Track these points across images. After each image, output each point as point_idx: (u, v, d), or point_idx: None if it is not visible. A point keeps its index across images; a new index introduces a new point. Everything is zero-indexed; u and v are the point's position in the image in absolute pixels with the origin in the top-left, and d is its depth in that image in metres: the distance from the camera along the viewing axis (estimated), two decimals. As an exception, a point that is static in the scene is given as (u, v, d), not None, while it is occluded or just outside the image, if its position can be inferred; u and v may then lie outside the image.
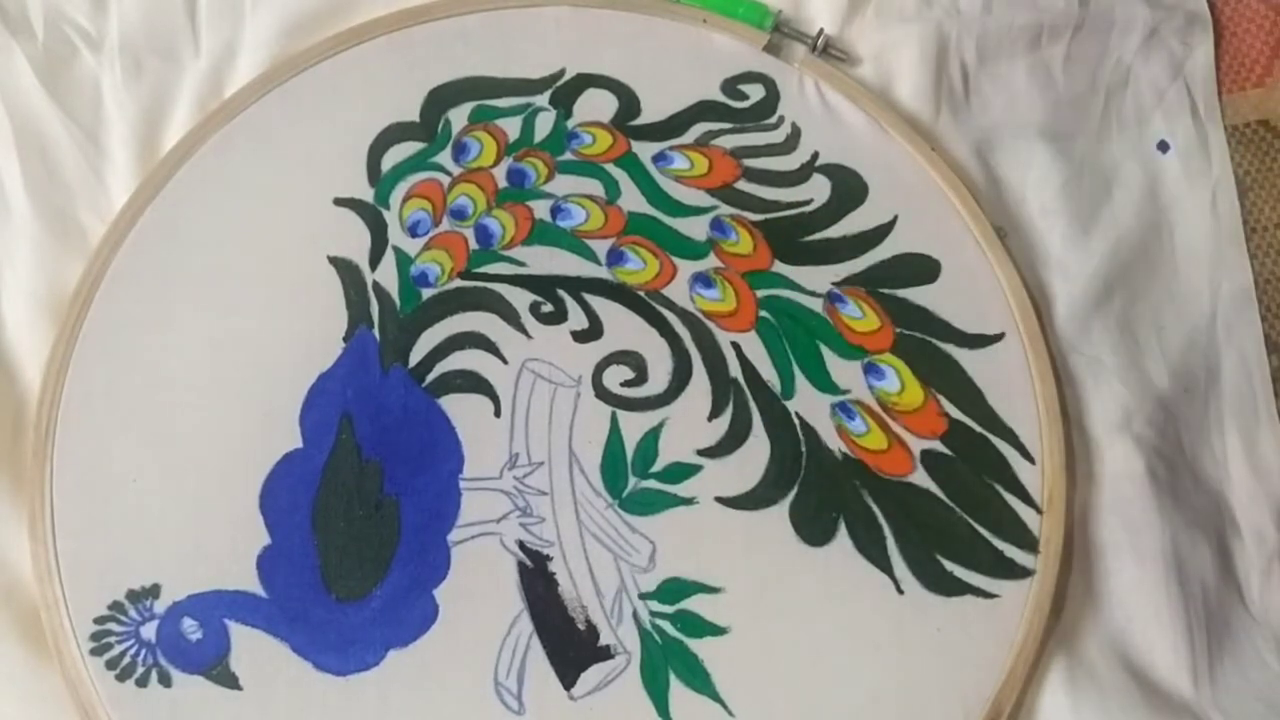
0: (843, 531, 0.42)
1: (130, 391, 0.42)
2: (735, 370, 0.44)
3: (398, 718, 0.39)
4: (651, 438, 0.43)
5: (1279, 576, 0.43)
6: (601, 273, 0.45)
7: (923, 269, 0.45)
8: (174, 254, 0.44)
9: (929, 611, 0.41)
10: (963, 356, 0.44)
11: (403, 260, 0.44)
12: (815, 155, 0.47)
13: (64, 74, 0.47)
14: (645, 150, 0.46)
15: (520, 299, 0.44)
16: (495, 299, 0.44)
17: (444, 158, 0.46)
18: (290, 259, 0.44)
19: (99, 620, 0.40)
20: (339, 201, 0.45)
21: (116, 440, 0.42)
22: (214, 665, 0.39)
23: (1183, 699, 0.42)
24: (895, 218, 0.46)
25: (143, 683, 0.39)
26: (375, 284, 0.44)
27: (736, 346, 0.44)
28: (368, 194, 0.45)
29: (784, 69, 0.48)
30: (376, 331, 0.43)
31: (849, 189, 0.46)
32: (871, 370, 0.44)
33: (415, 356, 0.43)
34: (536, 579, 0.41)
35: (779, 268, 0.45)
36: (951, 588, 0.42)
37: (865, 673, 0.41)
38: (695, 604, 0.41)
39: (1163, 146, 0.49)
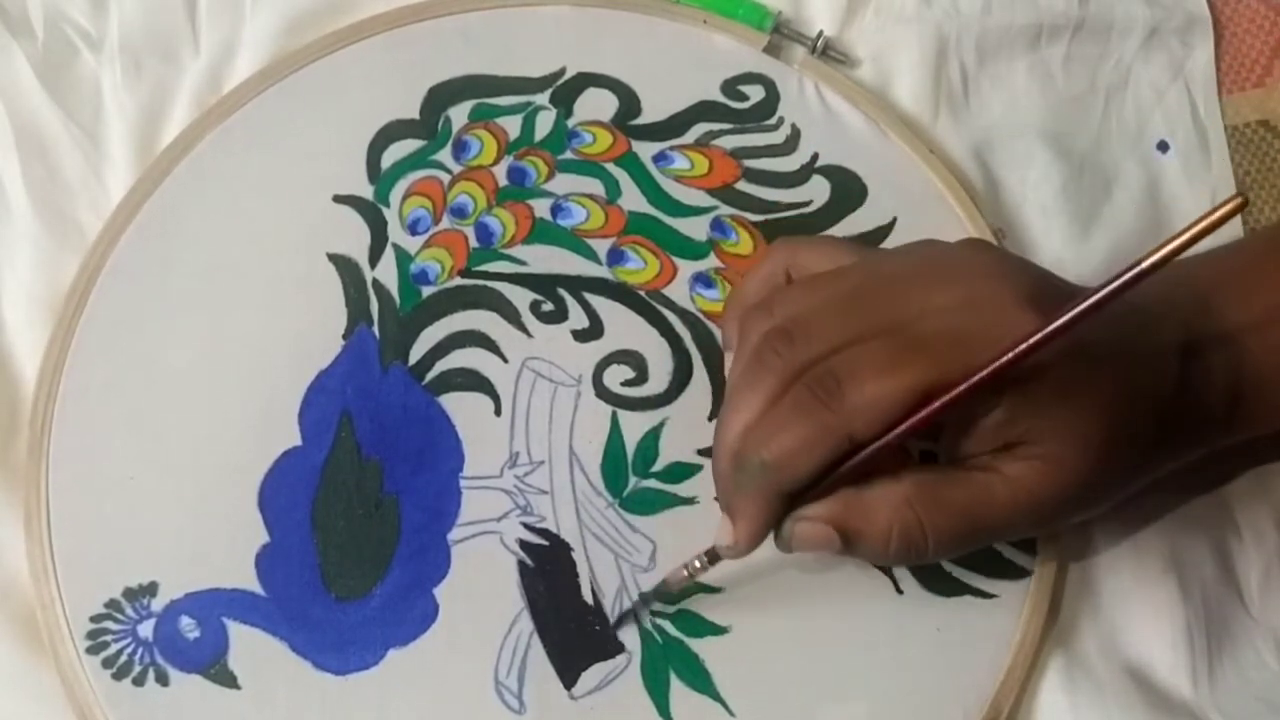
0: (843, 531, 0.42)
1: (127, 388, 0.42)
2: (735, 370, 0.44)
3: (397, 717, 0.39)
4: (652, 437, 0.43)
5: (1279, 577, 0.43)
6: (602, 272, 0.45)
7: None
8: (171, 251, 0.44)
9: (928, 611, 0.41)
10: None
11: (403, 258, 0.44)
12: (815, 156, 0.47)
13: (64, 74, 0.47)
14: (645, 150, 0.46)
15: (521, 297, 0.44)
16: (495, 297, 0.44)
17: (444, 155, 0.46)
18: (289, 256, 0.44)
19: (95, 619, 0.39)
20: (338, 198, 0.45)
21: (113, 437, 0.41)
22: (212, 664, 0.39)
23: (1182, 699, 0.41)
24: (894, 219, 0.46)
25: (140, 682, 0.39)
26: (375, 282, 0.44)
27: (736, 346, 0.44)
28: (367, 191, 0.45)
29: (784, 70, 0.48)
30: (376, 329, 0.43)
31: (848, 190, 0.46)
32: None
33: (415, 355, 0.43)
34: (537, 578, 0.41)
35: (779, 269, 0.45)
36: (950, 588, 0.41)
37: (864, 672, 0.40)
38: (695, 604, 0.41)
39: (1163, 146, 0.49)
